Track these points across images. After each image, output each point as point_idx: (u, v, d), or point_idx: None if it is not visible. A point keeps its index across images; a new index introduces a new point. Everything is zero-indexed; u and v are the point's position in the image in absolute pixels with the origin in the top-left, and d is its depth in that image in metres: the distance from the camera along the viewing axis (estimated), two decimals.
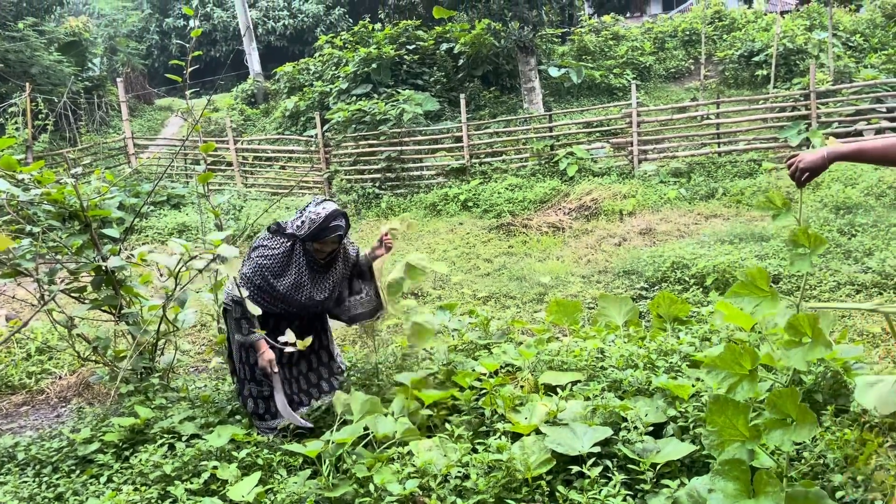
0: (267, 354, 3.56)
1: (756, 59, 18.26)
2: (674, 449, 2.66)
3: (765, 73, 17.41)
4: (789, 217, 2.35)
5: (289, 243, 3.59)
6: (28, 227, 3.91)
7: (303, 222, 3.48)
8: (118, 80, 16.77)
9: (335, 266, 3.71)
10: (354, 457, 2.98)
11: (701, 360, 3.35)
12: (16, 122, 15.10)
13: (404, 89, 16.76)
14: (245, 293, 3.39)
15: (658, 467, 2.60)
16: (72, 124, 18.89)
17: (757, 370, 2.27)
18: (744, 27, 20.44)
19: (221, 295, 3.75)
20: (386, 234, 3.84)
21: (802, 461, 2.52)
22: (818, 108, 11.86)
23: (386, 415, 3.30)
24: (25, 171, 3.93)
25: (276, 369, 3.59)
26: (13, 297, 5.71)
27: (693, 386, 3.05)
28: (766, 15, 21.68)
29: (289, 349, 3.25)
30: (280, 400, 3.62)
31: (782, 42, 17.16)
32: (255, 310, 3.34)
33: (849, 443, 2.52)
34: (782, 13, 22.08)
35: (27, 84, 13.31)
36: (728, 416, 2.23)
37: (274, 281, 3.54)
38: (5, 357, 5.56)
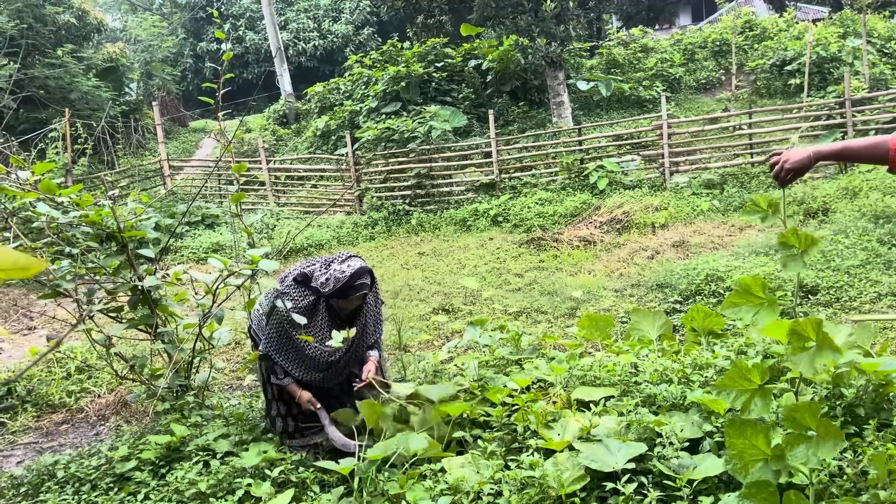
0: (304, 395, 3.56)
1: (788, 67, 18.04)
2: (710, 465, 2.61)
3: (798, 81, 17.17)
4: (825, 225, 2.30)
5: (313, 297, 3.54)
6: (67, 249, 4.01)
7: (327, 279, 3.44)
8: (154, 103, 17.18)
9: (357, 321, 3.62)
10: (387, 474, 2.98)
11: None
12: (56, 147, 15.52)
13: (433, 106, 16.88)
14: (264, 347, 3.55)
15: (694, 483, 2.55)
16: (109, 148, 19.36)
17: (768, 384, 2.18)
18: (775, 36, 20.20)
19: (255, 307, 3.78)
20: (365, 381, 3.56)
21: (844, 477, 2.46)
22: (854, 115, 11.66)
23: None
24: (65, 194, 4.04)
25: (318, 405, 3.57)
26: (54, 318, 5.84)
27: None
28: (797, 23, 21.41)
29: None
30: (334, 433, 3.52)
31: (815, 50, 16.91)
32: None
33: (892, 458, 2.45)
34: (814, 21, 21.79)
35: (66, 109, 13.68)
36: (747, 437, 2.15)
37: (293, 332, 3.52)
38: (46, 376, 5.69)
